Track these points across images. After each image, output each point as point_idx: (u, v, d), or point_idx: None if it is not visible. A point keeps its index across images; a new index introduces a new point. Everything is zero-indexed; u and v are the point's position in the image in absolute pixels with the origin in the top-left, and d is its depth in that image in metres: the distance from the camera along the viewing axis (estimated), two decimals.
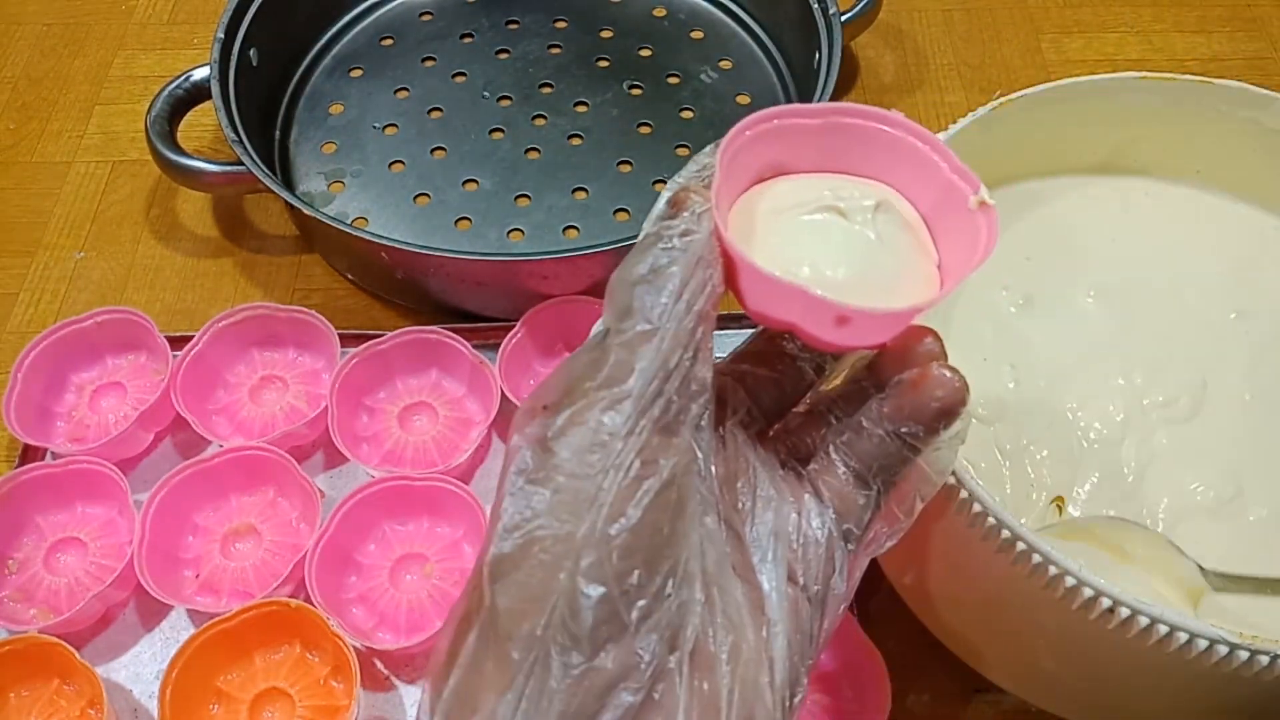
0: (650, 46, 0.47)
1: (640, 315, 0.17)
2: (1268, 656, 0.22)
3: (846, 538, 0.19)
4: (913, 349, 0.19)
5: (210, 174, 0.39)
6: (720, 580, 0.17)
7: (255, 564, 0.33)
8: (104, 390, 0.37)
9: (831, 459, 0.20)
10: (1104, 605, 0.23)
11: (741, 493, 0.19)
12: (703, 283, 0.17)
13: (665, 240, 0.18)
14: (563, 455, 0.16)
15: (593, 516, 0.16)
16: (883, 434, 0.19)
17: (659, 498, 0.16)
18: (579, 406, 0.16)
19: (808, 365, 0.21)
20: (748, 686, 0.17)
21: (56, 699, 0.30)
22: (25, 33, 0.50)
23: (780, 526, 0.19)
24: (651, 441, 0.16)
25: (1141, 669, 0.25)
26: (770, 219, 0.20)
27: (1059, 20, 0.49)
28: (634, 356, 0.17)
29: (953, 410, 0.19)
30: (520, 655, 0.16)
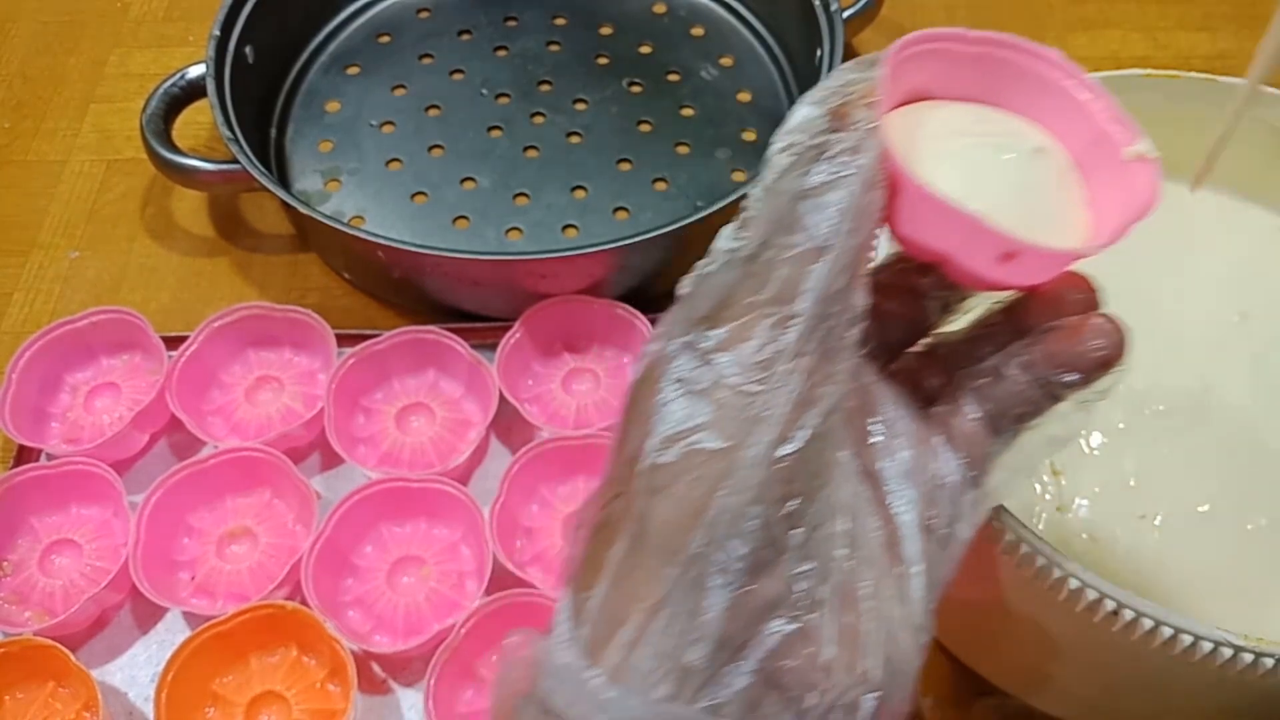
0: (650, 43, 0.46)
1: (807, 231, 0.16)
2: (1273, 659, 0.22)
3: (974, 484, 0.19)
4: (1068, 295, 0.19)
5: (206, 172, 0.39)
6: (859, 516, 0.17)
7: (251, 566, 0.33)
8: (99, 391, 0.37)
9: (964, 402, 0.19)
10: (1108, 608, 0.23)
11: (873, 429, 0.18)
12: (869, 204, 0.17)
13: (831, 154, 0.17)
14: (727, 369, 0.16)
15: (758, 435, 0.15)
16: (1028, 379, 0.18)
17: (824, 423, 0.16)
18: (745, 320, 0.16)
19: (934, 305, 0.21)
20: (886, 626, 0.17)
21: (51, 702, 0.30)
22: (20, 30, 0.49)
23: (914, 466, 0.18)
24: (817, 365, 0.16)
25: (1146, 672, 0.25)
26: (928, 144, 0.19)
27: (1063, 17, 0.49)
28: (801, 275, 0.16)
29: (1113, 361, 0.18)
30: (675, 571, 0.15)
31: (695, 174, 0.42)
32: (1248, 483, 0.29)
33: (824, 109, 0.17)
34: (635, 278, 0.38)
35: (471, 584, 0.32)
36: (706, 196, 0.41)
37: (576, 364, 0.37)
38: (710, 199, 0.39)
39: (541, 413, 0.36)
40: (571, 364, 0.37)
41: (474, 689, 0.30)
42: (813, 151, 0.17)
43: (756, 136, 0.43)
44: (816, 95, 0.18)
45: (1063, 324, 0.18)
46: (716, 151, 0.43)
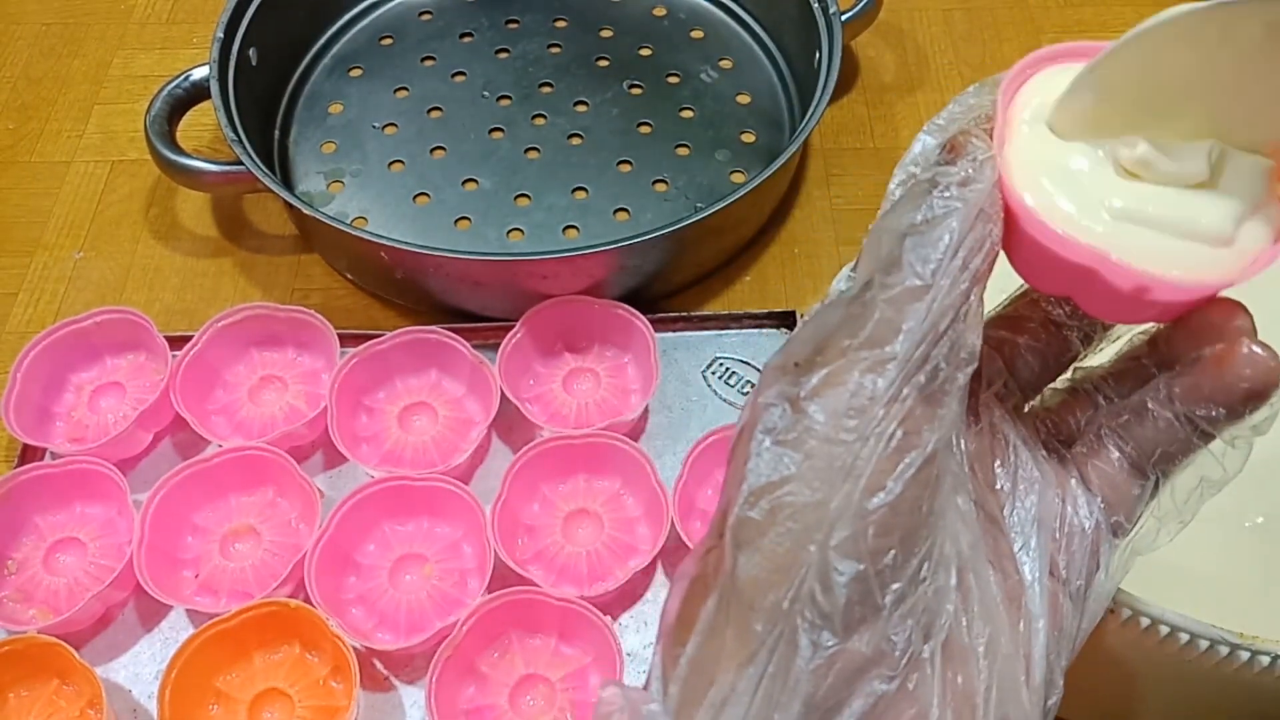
0: (650, 46, 0.47)
1: (910, 269, 0.15)
2: (1268, 657, 0.22)
3: (1115, 530, 0.18)
4: (1215, 324, 0.17)
5: (209, 174, 0.39)
6: (975, 567, 0.16)
7: (254, 564, 0.33)
8: (103, 390, 0.37)
9: (1103, 442, 0.18)
10: None
11: (999, 472, 0.17)
12: (981, 239, 0.15)
13: (942, 188, 0.16)
14: (817, 417, 0.15)
15: (849, 487, 0.14)
16: (1171, 416, 0.17)
17: (921, 472, 0.15)
18: (837, 366, 0.15)
19: (1075, 335, 0.19)
20: (1004, 684, 0.16)
21: (56, 699, 0.30)
22: (24, 32, 0.50)
23: (1043, 513, 0.17)
24: (915, 410, 0.15)
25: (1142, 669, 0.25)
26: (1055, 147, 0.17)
27: (1060, 20, 0.49)
28: (901, 315, 0.15)
29: (1264, 393, 0.16)
30: (764, 628, 0.15)
31: (695, 175, 0.42)
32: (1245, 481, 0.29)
33: (940, 138, 0.16)
34: (636, 278, 0.38)
35: (473, 582, 0.32)
36: (706, 198, 0.41)
37: (577, 364, 0.37)
38: (710, 200, 0.39)
39: (543, 412, 0.36)
40: (572, 364, 0.37)
41: (475, 686, 0.30)
42: (924, 185, 0.16)
43: (755, 138, 0.44)
44: (938, 123, 0.17)
45: (1207, 354, 0.17)
46: (716, 153, 0.43)
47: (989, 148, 0.16)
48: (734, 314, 0.39)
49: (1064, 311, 0.19)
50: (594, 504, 0.34)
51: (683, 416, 0.36)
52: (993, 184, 0.16)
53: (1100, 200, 0.17)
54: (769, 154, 0.42)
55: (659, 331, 0.36)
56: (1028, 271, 0.17)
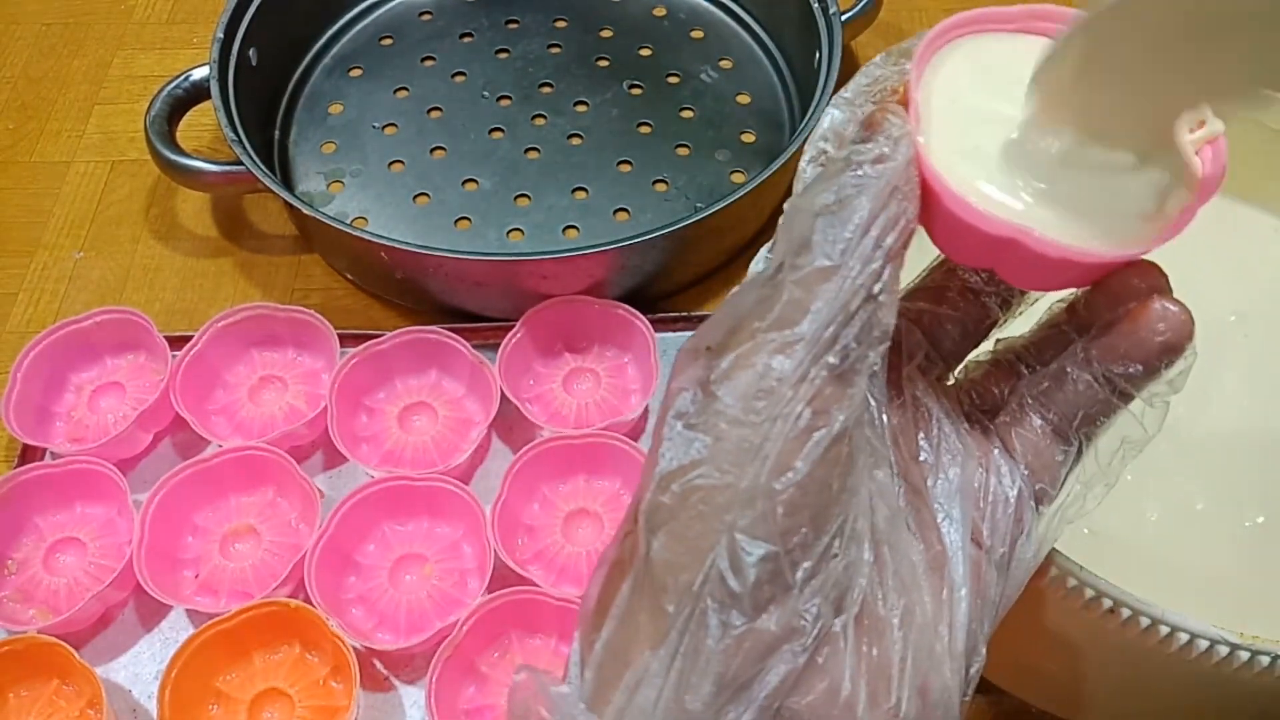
0: (650, 46, 0.47)
1: (820, 250, 0.15)
2: (1268, 657, 0.22)
3: (1039, 498, 0.18)
4: (1131, 285, 0.17)
5: (209, 174, 0.39)
6: (892, 539, 0.16)
7: (254, 564, 0.33)
8: (103, 390, 0.37)
9: (1025, 410, 0.18)
10: (1105, 606, 0.23)
11: (922, 445, 0.17)
12: (895, 217, 0.15)
13: (854, 166, 0.15)
14: (726, 400, 0.15)
15: (756, 468, 0.15)
16: (1090, 378, 0.17)
17: (829, 451, 0.15)
18: (746, 349, 0.15)
19: (993, 301, 0.19)
20: (921, 653, 0.16)
21: (55, 699, 0.30)
22: (24, 32, 0.50)
23: (965, 483, 0.17)
24: (824, 390, 0.15)
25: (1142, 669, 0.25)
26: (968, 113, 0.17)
27: None
28: (810, 296, 0.15)
29: (1177, 346, 0.17)
30: (676, 609, 0.15)
31: (695, 175, 0.42)
32: (1244, 480, 0.29)
33: (852, 111, 0.16)
34: (635, 278, 0.38)
35: (473, 582, 0.32)
36: (706, 198, 0.41)
37: (577, 364, 0.37)
38: (710, 200, 0.39)
39: (542, 412, 0.36)
40: (572, 364, 0.37)
41: (475, 686, 0.30)
42: (839, 164, 0.16)
43: (755, 138, 0.44)
44: (845, 95, 0.17)
45: (1123, 312, 0.17)
46: (716, 153, 0.43)
47: (905, 124, 0.16)
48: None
49: (981, 279, 0.19)
50: (594, 504, 0.34)
51: None
52: (908, 160, 0.16)
53: (1022, 177, 0.17)
54: (769, 154, 0.42)
55: (659, 331, 0.36)
56: (947, 245, 0.17)
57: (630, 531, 0.16)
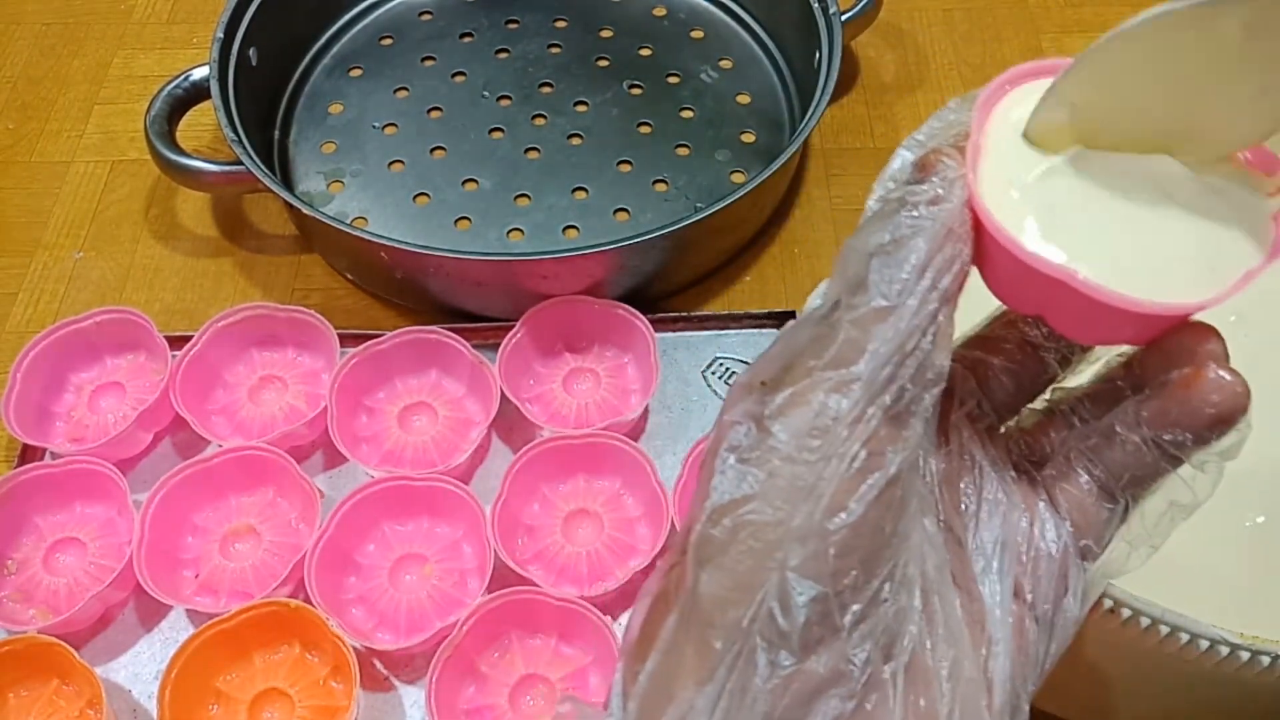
0: (650, 46, 0.47)
1: (876, 290, 0.15)
2: (1269, 657, 0.22)
3: (1084, 555, 0.18)
4: (1187, 347, 0.17)
5: (209, 174, 0.39)
6: (941, 589, 0.16)
7: (254, 564, 0.33)
8: (103, 390, 0.37)
9: (1073, 465, 0.18)
10: (1106, 606, 0.23)
11: (965, 494, 0.17)
12: (950, 258, 0.15)
13: (910, 207, 0.16)
14: (781, 437, 0.15)
15: (810, 507, 0.15)
16: (1139, 440, 0.17)
17: (884, 494, 0.15)
18: (801, 386, 0.15)
19: (1051, 356, 0.19)
20: (966, 708, 0.16)
21: (55, 699, 0.30)
22: (24, 32, 0.50)
23: (1009, 536, 0.17)
24: (879, 431, 0.15)
25: (1142, 670, 0.25)
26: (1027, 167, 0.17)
27: (1060, 19, 0.49)
28: (866, 336, 0.15)
29: (1230, 419, 0.16)
30: (723, 646, 0.15)
31: (695, 175, 0.42)
32: (1244, 480, 0.29)
33: (920, 154, 0.16)
34: (635, 278, 0.38)
35: (473, 582, 0.32)
36: (706, 198, 0.41)
37: (577, 364, 0.37)
38: (710, 200, 0.39)
39: (543, 412, 0.36)
40: (572, 364, 0.37)
41: (475, 686, 0.30)
42: (894, 204, 0.16)
43: (755, 138, 0.44)
44: (918, 138, 0.17)
45: (1176, 377, 0.17)
46: (716, 153, 0.43)
47: (960, 165, 0.16)
48: (734, 314, 0.39)
49: (1041, 333, 0.19)
50: (594, 504, 0.34)
51: (683, 417, 0.36)
52: (962, 203, 0.16)
53: (1072, 218, 0.17)
54: (769, 154, 0.42)
55: (659, 331, 0.36)
56: (1000, 290, 0.17)
57: (677, 564, 0.16)
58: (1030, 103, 0.17)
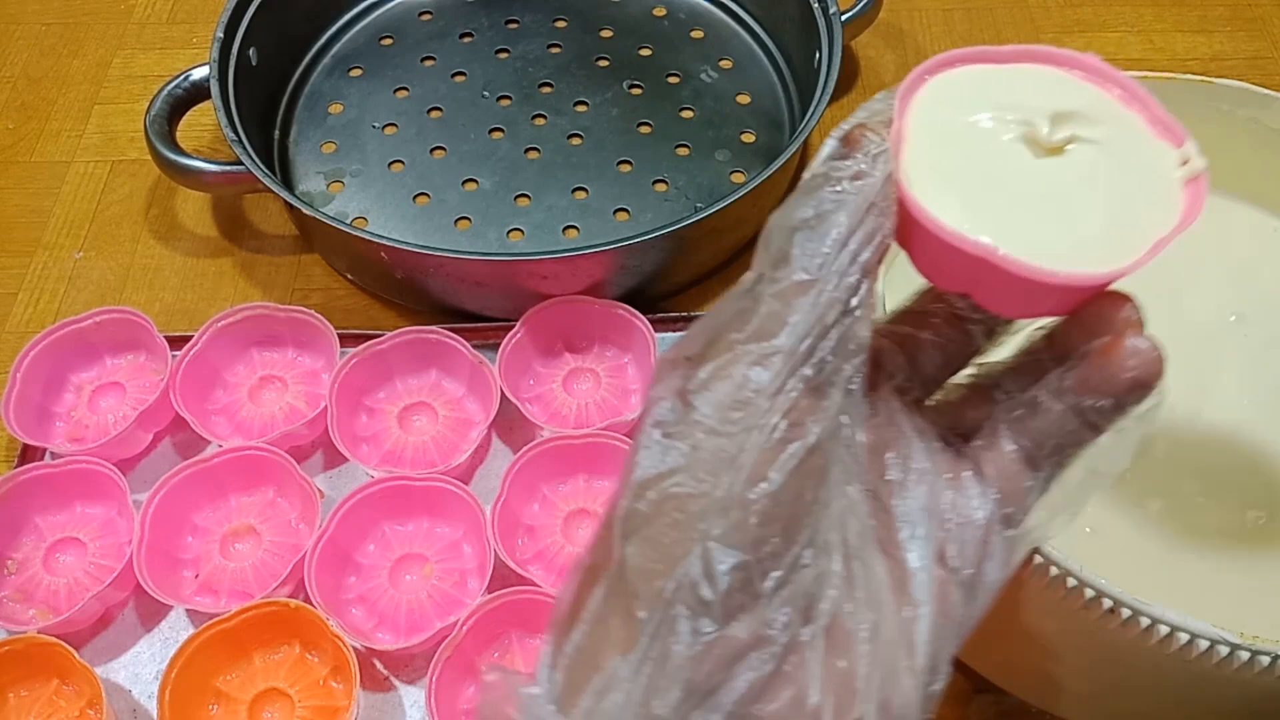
0: (650, 46, 0.47)
1: (798, 263, 0.15)
2: (1268, 657, 0.22)
3: (1007, 522, 0.18)
4: (1105, 316, 0.17)
5: (209, 174, 0.39)
6: (863, 554, 0.16)
7: (254, 564, 0.33)
8: (103, 390, 0.37)
9: (998, 436, 0.18)
10: (1105, 606, 0.23)
11: (891, 464, 0.18)
12: (871, 232, 0.16)
13: (833, 182, 0.16)
14: (703, 410, 0.15)
15: (731, 477, 0.15)
16: (1062, 409, 0.17)
17: (804, 463, 0.15)
18: (724, 360, 0.15)
19: (978, 330, 0.19)
20: (886, 669, 0.16)
21: (55, 699, 0.30)
22: (24, 32, 0.50)
23: (933, 503, 0.17)
24: (800, 402, 0.15)
25: (1142, 670, 0.25)
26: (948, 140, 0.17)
27: (1059, 20, 0.49)
28: (787, 309, 0.15)
29: (1147, 383, 0.17)
30: (647, 615, 0.15)
31: (695, 175, 0.42)
32: (1245, 479, 0.29)
33: (842, 133, 0.17)
34: (635, 278, 0.38)
35: (473, 582, 0.32)
36: (706, 198, 0.41)
37: (577, 364, 0.37)
38: (710, 200, 0.39)
39: (543, 412, 0.36)
40: (572, 364, 0.37)
41: (476, 686, 0.30)
42: (818, 180, 0.16)
43: (756, 138, 0.44)
44: (843, 128, 0.17)
45: (1095, 345, 0.17)
46: (716, 153, 0.43)
47: (883, 141, 0.16)
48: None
49: (967, 305, 0.19)
50: (594, 504, 0.34)
51: None
52: (885, 177, 0.16)
53: (990, 198, 0.17)
54: (769, 154, 0.42)
55: (659, 331, 0.36)
56: (925, 269, 0.18)
57: (605, 538, 0.16)
58: (947, 90, 0.18)
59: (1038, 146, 0.18)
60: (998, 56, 0.18)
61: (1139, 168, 0.18)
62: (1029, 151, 0.18)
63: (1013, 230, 0.17)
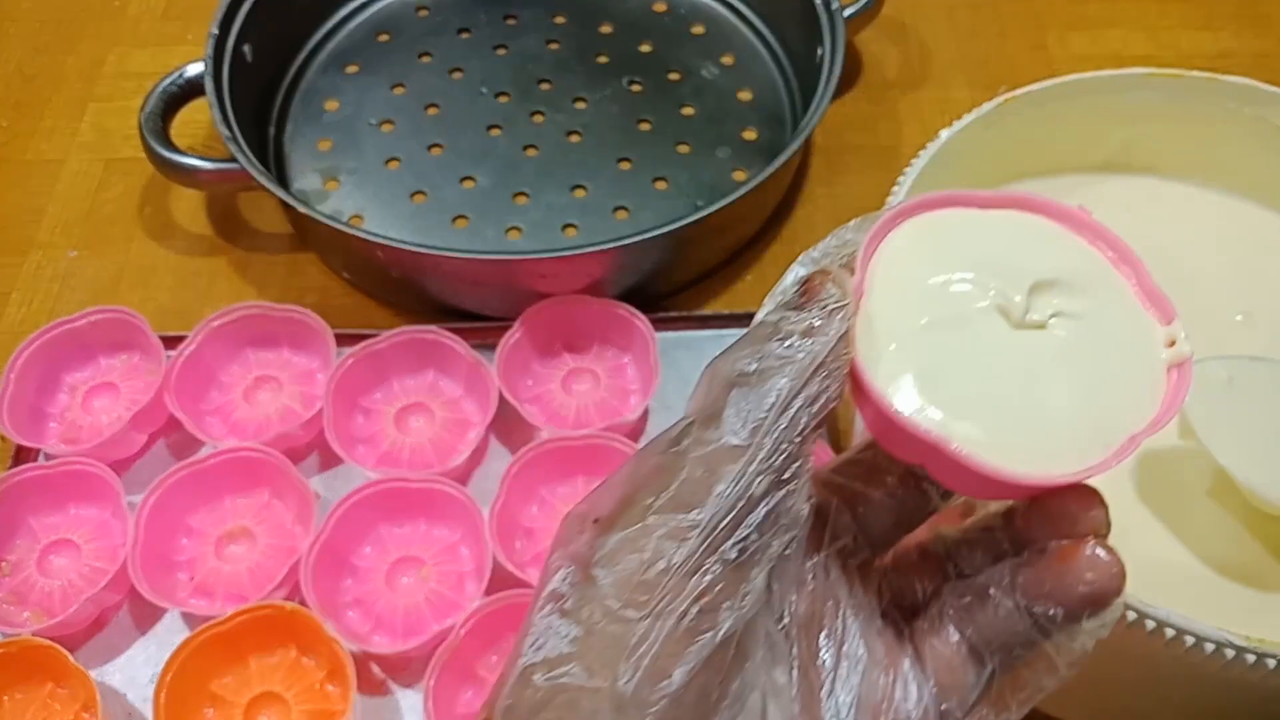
0: (650, 42, 0.46)
1: (729, 425, 0.14)
2: (1274, 660, 0.22)
3: (944, 718, 0.17)
4: (1070, 513, 0.16)
5: (204, 171, 0.38)
6: None
7: (250, 566, 0.33)
8: (97, 391, 0.37)
9: (944, 623, 0.17)
10: None
11: (824, 645, 0.16)
12: (815, 396, 0.14)
13: (782, 336, 0.14)
14: (605, 587, 0.14)
15: (629, 673, 0.13)
16: (1012, 606, 0.16)
17: (714, 656, 0.14)
18: (634, 530, 0.14)
19: (934, 490, 0.18)
20: None
21: (50, 702, 0.30)
22: (18, 29, 0.49)
23: (867, 694, 0.16)
24: (715, 586, 0.14)
25: (1148, 671, 0.25)
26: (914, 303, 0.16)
27: (1064, 16, 0.49)
28: (712, 476, 0.14)
29: (1103, 599, 0.16)
30: None
31: (695, 173, 0.42)
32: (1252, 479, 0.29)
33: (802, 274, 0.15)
34: (635, 277, 0.37)
35: (471, 585, 0.32)
36: (707, 196, 0.41)
37: (576, 364, 0.37)
38: (710, 198, 0.39)
39: (541, 413, 0.36)
40: (571, 364, 0.37)
41: (473, 690, 0.30)
42: (767, 329, 0.15)
43: (757, 135, 0.43)
44: (813, 254, 0.16)
45: (1054, 548, 0.16)
46: (717, 150, 0.43)
47: (843, 296, 0.15)
48: (735, 314, 0.38)
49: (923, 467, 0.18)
50: None
51: None
52: (838, 336, 0.15)
53: (951, 378, 0.16)
54: (771, 151, 0.42)
55: (659, 331, 0.36)
56: (876, 434, 0.17)
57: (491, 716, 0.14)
58: (921, 239, 0.16)
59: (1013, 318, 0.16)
60: (981, 201, 0.17)
61: (1121, 347, 0.16)
62: (1002, 321, 0.16)
63: (973, 415, 0.15)
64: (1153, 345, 0.16)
